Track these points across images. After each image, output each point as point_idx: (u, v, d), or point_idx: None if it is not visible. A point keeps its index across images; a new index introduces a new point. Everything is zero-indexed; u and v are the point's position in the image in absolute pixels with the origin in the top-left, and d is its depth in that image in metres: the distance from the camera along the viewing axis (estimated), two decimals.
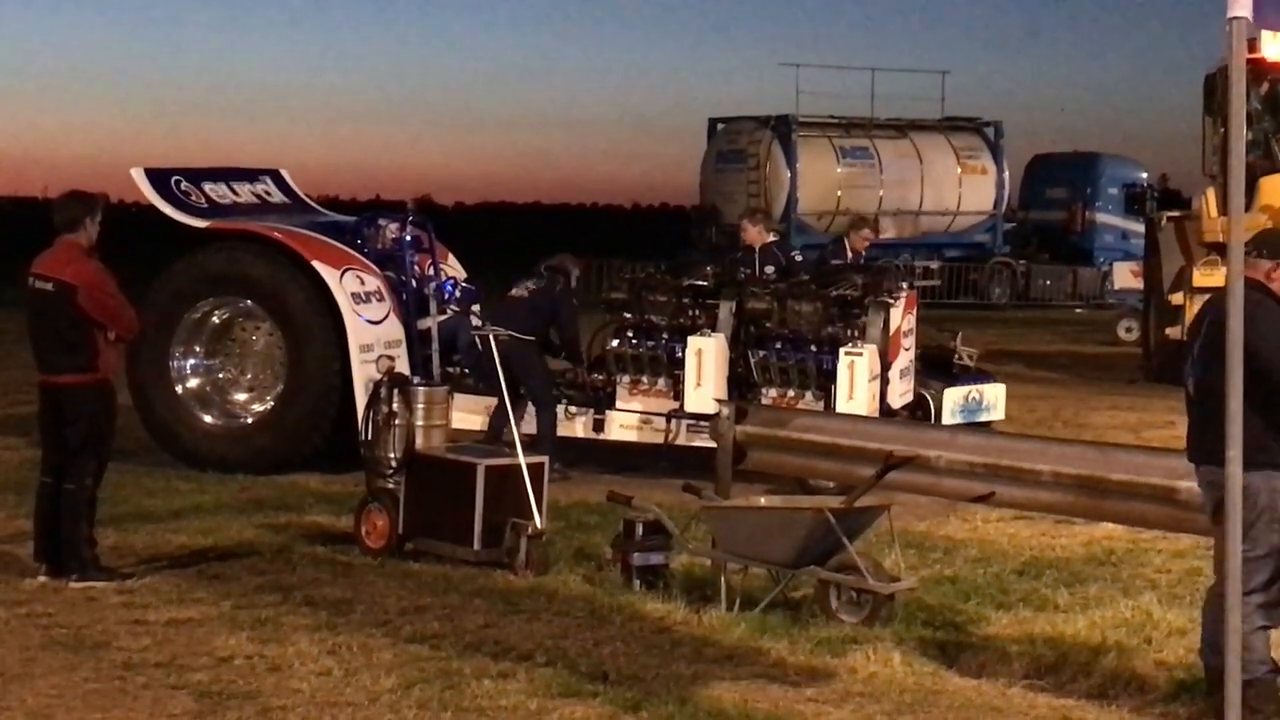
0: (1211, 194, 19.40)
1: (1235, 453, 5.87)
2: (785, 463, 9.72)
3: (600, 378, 13.36)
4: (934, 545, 10.42)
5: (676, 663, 7.62)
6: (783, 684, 7.32)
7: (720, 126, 36.39)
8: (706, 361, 12.69)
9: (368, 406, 10.22)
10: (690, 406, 12.66)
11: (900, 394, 13.31)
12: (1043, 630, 8.33)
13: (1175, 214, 21.70)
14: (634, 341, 13.18)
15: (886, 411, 12.77)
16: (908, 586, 8.64)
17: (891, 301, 13.00)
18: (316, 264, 12.91)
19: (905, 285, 14.03)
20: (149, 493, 11.81)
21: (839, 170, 34.99)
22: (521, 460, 9.62)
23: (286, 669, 7.39)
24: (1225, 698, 5.96)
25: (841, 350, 12.43)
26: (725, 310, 13.00)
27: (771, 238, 15.41)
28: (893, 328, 12.88)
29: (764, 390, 12.75)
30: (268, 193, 14.38)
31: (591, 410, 13.06)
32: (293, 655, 7.58)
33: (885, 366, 12.73)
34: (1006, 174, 37.23)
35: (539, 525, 9.46)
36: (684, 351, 12.85)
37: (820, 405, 12.43)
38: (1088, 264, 37.74)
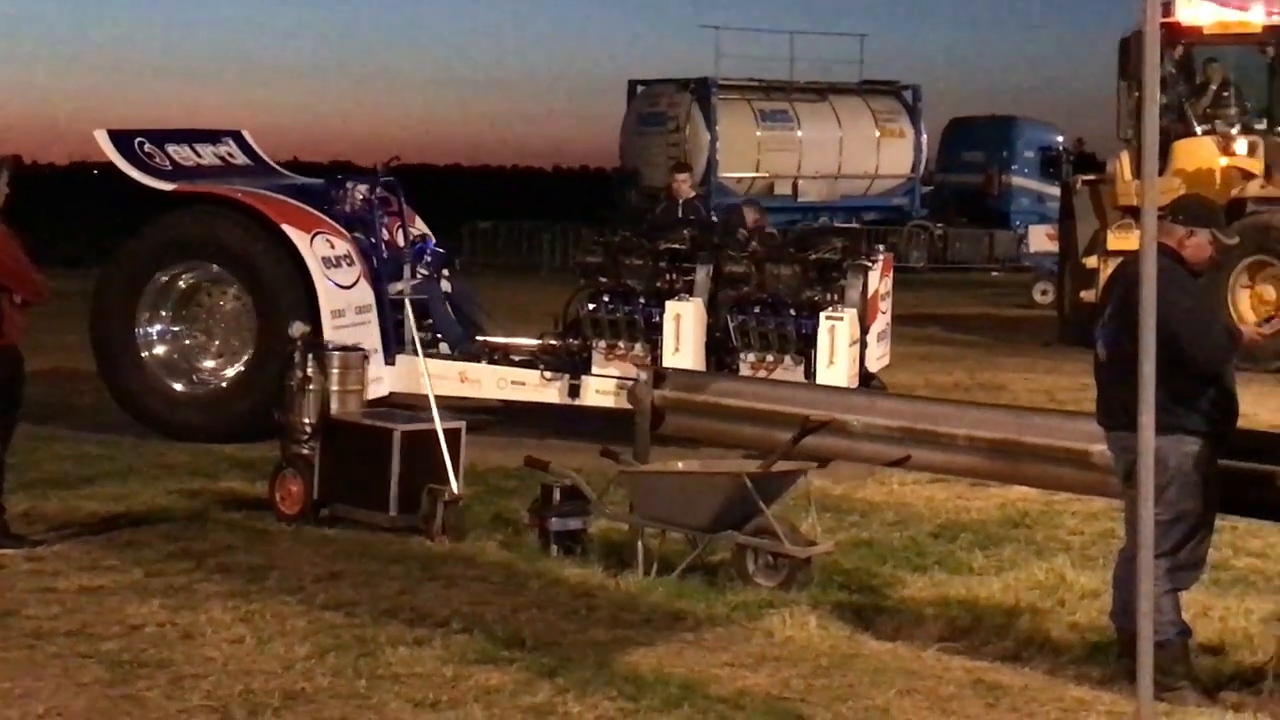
0: (1126, 158, 19.56)
1: (1148, 418, 5.89)
2: (703, 427, 9.73)
3: (576, 343, 13.29)
4: (851, 508, 10.45)
5: (594, 628, 7.61)
6: (699, 648, 7.32)
7: (640, 89, 36.27)
8: (685, 326, 12.62)
9: (281, 372, 10.12)
10: None
11: (878, 357, 13.31)
12: (958, 593, 8.39)
13: (1090, 177, 21.82)
14: (610, 306, 13.09)
15: (864, 375, 12.78)
16: (824, 550, 8.66)
17: (870, 264, 12.98)
18: (286, 228, 12.72)
19: (882, 247, 13.93)
20: (61, 458, 11.67)
21: (758, 133, 34.96)
22: (438, 425, 9.57)
23: (199, 637, 7.32)
24: (1137, 660, 6.01)
25: (822, 315, 12.36)
26: (702, 274, 12.92)
27: (694, 193, 15.90)
28: (870, 290, 12.87)
29: (743, 355, 12.69)
30: (231, 155, 14.17)
31: (567, 376, 12.94)
32: (205, 623, 7.50)
33: (864, 330, 12.71)
34: (924, 137, 37.33)
35: (455, 490, 9.41)
36: (660, 316, 12.78)
37: (800, 370, 12.40)
38: (1004, 227, 37.92)
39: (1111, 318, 6.97)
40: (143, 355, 13.13)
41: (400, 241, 13.39)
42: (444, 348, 13.36)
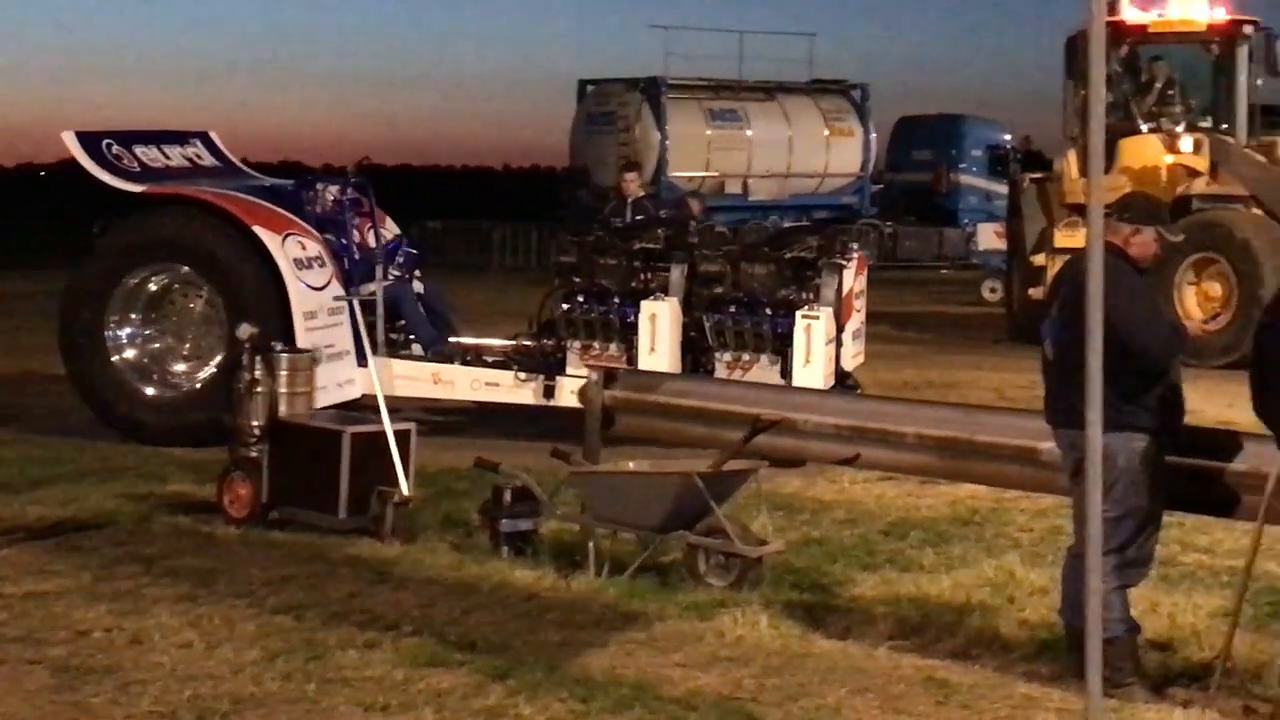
0: (1073, 156, 19.67)
1: (1095, 415, 5.91)
2: (654, 427, 9.72)
3: (550, 343, 13.23)
4: (802, 507, 10.47)
5: (545, 630, 7.59)
6: (651, 649, 7.31)
7: (590, 88, 36.25)
8: (660, 326, 12.59)
9: (229, 374, 10.07)
10: None
11: (853, 356, 13.32)
12: (908, 591, 8.41)
13: (1037, 175, 21.96)
14: (585, 306, 13.05)
15: (840, 374, 12.78)
16: (775, 549, 8.67)
17: (845, 263, 12.98)
18: (258, 229, 12.59)
19: (856, 245, 14.03)
20: (7, 462, 11.57)
21: (708, 132, 34.98)
22: (388, 426, 9.53)
23: (147, 642, 7.26)
24: (1086, 656, 6.03)
25: (798, 314, 12.35)
26: (676, 273, 12.88)
27: (644, 192, 15.99)
28: (845, 289, 12.87)
29: (718, 354, 12.66)
30: (198, 156, 14.03)
31: (542, 376, 12.83)
32: (153, 628, 7.45)
33: (839, 329, 12.70)
34: (873, 136, 37.43)
35: (405, 492, 9.38)
36: (635, 316, 12.74)
37: (776, 369, 12.40)
38: (953, 225, 38.06)
39: (1058, 316, 7.00)
40: (112, 359, 13.01)
41: (371, 242, 13.32)
42: (416, 349, 13.29)
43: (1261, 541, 7.08)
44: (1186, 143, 19.56)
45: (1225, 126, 19.98)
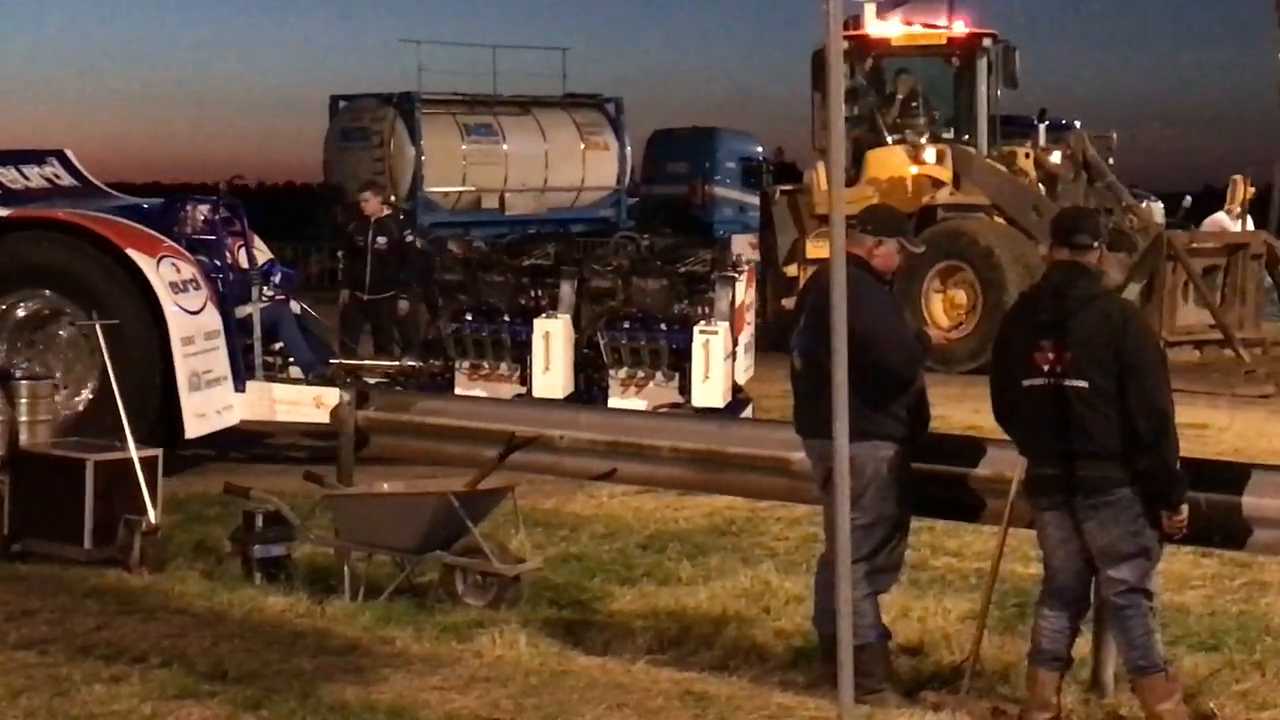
0: (821, 168, 19.97)
1: (842, 425, 6.01)
2: (409, 447, 9.62)
3: (438, 363, 12.98)
4: (561, 523, 10.46)
5: (298, 656, 7.46)
6: (407, 673, 7.23)
7: (343, 104, 35.84)
8: (554, 345, 12.41)
9: None
10: (539, 391, 12.34)
11: (745, 369, 13.31)
12: (666, 604, 8.44)
13: (788, 187, 22.30)
14: (473, 324, 12.82)
15: (734, 388, 12.75)
16: (533, 567, 8.64)
17: (736, 276, 12.94)
18: (131, 252, 12.07)
19: (745, 257, 14.02)
20: None
21: (464, 147, 34.86)
22: (134, 454, 9.30)
23: None
24: (838, 664, 6.12)
25: (695, 329, 12.31)
26: (567, 289, 12.72)
27: (387, 211, 15.83)
28: (738, 301, 12.84)
29: (613, 372, 12.52)
30: (57, 176, 13.46)
31: None
32: None
33: (732, 342, 12.69)
34: (629, 149, 37.69)
35: (153, 520, 9.16)
36: (524, 334, 12.57)
37: (673, 385, 12.35)
38: (708, 236, 38.49)
39: (805, 327, 7.08)
40: None
41: (245, 263, 12.96)
42: (295, 372, 12.95)
43: (1006, 544, 7.23)
44: (930, 154, 20.04)
45: (967, 137, 20.52)
